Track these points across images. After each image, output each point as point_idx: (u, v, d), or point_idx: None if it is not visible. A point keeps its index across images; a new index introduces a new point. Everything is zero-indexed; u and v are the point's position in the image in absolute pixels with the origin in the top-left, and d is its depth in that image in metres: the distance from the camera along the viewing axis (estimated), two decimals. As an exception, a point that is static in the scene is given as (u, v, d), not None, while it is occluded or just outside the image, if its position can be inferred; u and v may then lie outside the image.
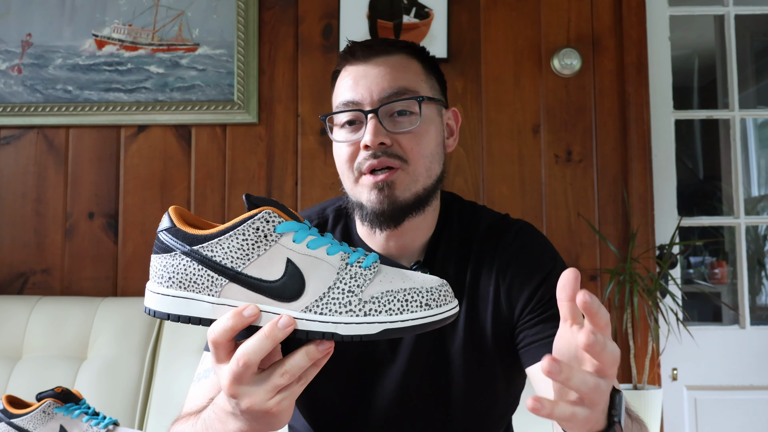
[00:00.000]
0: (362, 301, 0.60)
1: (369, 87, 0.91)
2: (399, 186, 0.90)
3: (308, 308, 0.60)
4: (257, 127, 2.13)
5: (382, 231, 0.92)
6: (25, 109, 2.12)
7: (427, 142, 0.93)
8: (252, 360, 0.58)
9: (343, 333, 0.59)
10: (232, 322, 0.59)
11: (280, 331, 0.58)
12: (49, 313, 1.85)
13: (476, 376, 0.93)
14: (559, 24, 2.14)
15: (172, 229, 0.61)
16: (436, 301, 0.61)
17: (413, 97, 0.92)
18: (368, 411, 0.95)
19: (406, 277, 0.62)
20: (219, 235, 0.60)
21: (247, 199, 0.62)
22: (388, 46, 0.96)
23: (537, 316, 0.90)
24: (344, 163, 0.93)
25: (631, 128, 2.09)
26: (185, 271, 0.60)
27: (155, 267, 0.62)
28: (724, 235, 3.15)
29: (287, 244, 0.60)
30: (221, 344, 0.60)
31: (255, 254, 0.60)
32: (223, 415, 0.67)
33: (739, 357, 2.11)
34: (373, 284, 0.61)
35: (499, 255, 0.94)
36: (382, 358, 0.94)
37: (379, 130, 0.89)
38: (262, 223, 0.60)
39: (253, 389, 0.60)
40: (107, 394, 1.73)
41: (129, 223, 2.11)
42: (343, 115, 0.93)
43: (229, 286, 0.60)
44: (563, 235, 2.06)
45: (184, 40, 2.14)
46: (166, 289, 0.61)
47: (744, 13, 2.29)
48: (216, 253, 0.60)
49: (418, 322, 0.60)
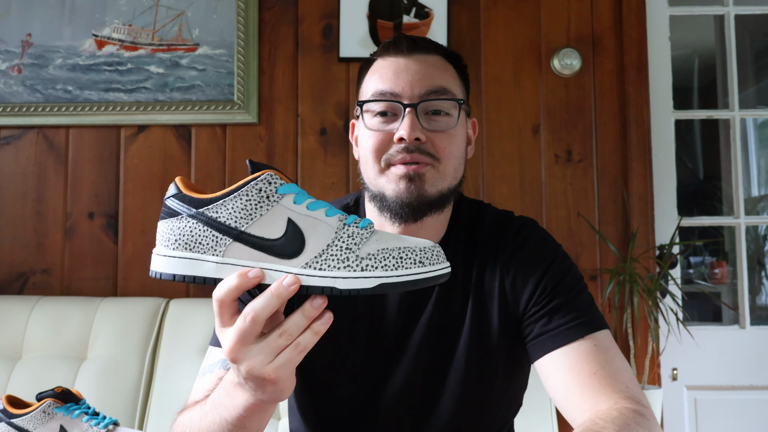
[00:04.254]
0: (359, 257, 0.62)
1: (410, 81, 0.92)
2: (428, 180, 0.91)
3: (308, 264, 0.62)
4: (257, 127, 2.13)
5: (400, 224, 0.93)
6: (25, 109, 2.12)
7: (458, 144, 0.94)
8: (260, 316, 0.60)
9: (341, 287, 0.62)
10: (237, 281, 0.61)
11: (285, 289, 0.60)
12: (49, 313, 1.85)
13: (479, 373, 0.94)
14: (559, 24, 2.14)
15: (178, 195, 0.64)
16: (429, 259, 0.64)
17: (454, 99, 0.93)
18: (375, 407, 0.95)
19: (400, 238, 0.65)
20: (224, 197, 0.63)
21: (251, 163, 0.64)
22: (431, 45, 0.98)
23: (542, 308, 0.90)
24: (371, 152, 0.92)
25: (631, 128, 2.09)
26: (191, 232, 0.63)
27: (162, 231, 0.64)
28: (724, 235, 3.15)
29: (288, 205, 0.63)
30: (226, 303, 0.62)
31: (258, 214, 0.62)
32: (231, 388, 0.69)
33: (738, 357, 2.11)
34: (369, 243, 0.63)
35: (502, 251, 0.95)
36: (390, 356, 0.95)
37: (416, 125, 0.90)
38: (265, 185, 0.63)
39: (253, 351, 0.61)
40: (107, 394, 1.73)
41: (129, 223, 2.11)
42: (379, 104, 0.93)
43: (233, 245, 0.62)
44: (563, 235, 2.06)
45: (184, 40, 2.14)
46: (172, 251, 0.63)
47: (744, 13, 2.29)
48: (220, 214, 0.62)
49: (412, 278, 0.63)
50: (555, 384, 0.85)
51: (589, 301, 0.91)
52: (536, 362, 0.90)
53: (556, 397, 0.86)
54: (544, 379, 0.89)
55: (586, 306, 0.90)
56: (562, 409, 0.85)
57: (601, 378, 0.81)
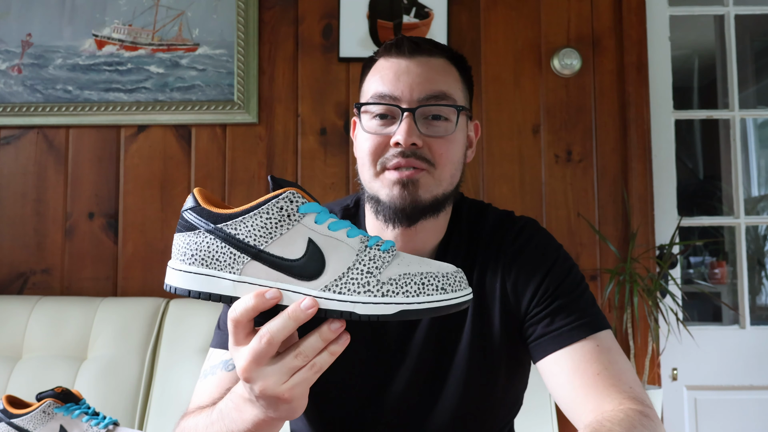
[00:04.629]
0: (380, 282, 0.61)
1: (410, 84, 0.91)
2: (422, 186, 0.90)
3: (327, 287, 0.61)
4: (257, 127, 2.13)
5: (395, 228, 0.92)
6: (25, 109, 2.12)
7: (456, 149, 0.93)
8: (276, 338, 0.60)
9: (360, 312, 0.60)
10: (254, 302, 0.60)
11: (303, 312, 0.59)
12: (49, 313, 1.85)
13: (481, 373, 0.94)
14: (559, 24, 2.14)
15: (197, 208, 0.63)
16: (452, 286, 0.62)
17: (453, 105, 0.92)
18: (378, 410, 0.95)
19: (423, 262, 0.64)
20: (243, 214, 0.61)
21: (272, 180, 0.63)
22: (434, 47, 0.96)
23: (544, 309, 0.90)
24: (368, 154, 0.92)
25: (631, 128, 2.09)
26: (208, 248, 0.61)
27: (178, 245, 0.63)
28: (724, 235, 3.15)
29: (309, 225, 0.61)
30: (242, 324, 0.61)
31: (278, 233, 0.61)
32: (241, 403, 0.68)
33: (738, 357, 2.11)
34: (391, 267, 0.62)
35: (503, 252, 0.95)
36: (390, 355, 0.95)
37: (413, 130, 0.88)
38: (286, 203, 0.61)
39: (268, 371, 0.61)
40: (107, 394, 1.73)
41: (129, 223, 2.11)
42: (377, 107, 0.92)
43: (251, 263, 0.61)
44: (563, 235, 2.06)
45: (184, 40, 2.14)
46: (188, 266, 0.62)
47: (744, 13, 2.29)
48: (239, 231, 0.61)
49: (434, 305, 0.61)
50: (558, 385, 0.85)
51: (590, 301, 0.92)
52: (539, 363, 0.90)
53: (559, 397, 0.86)
54: (547, 380, 0.88)
55: (588, 306, 0.90)
56: (566, 409, 0.85)
57: (605, 378, 0.81)
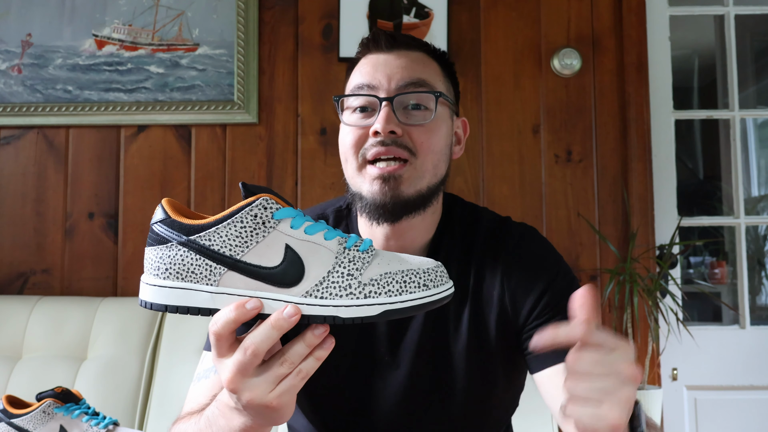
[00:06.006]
0: (361, 283, 0.60)
1: (387, 74, 0.90)
2: (405, 181, 0.87)
3: (309, 293, 0.60)
4: (257, 127, 2.13)
5: (380, 224, 0.90)
6: (25, 109, 2.12)
7: (438, 138, 0.91)
8: (260, 349, 0.58)
9: (344, 316, 0.59)
10: (234, 314, 0.58)
11: (286, 320, 0.58)
12: (49, 313, 1.85)
13: (478, 378, 0.93)
14: (559, 24, 2.14)
15: (167, 221, 0.61)
16: (434, 281, 0.62)
17: (431, 92, 0.90)
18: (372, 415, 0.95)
19: (402, 260, 0.63)
20: (216, 224, 0.60)
21: (244, 187, 0.61)
22: (411, 41, 0.95)
23: (544, 321, 0.89)
24: (349, 148, 0.90)
25: (631, 128, 2.09)
26: (182, 261, 0.60)
27: (150, 259, 0.61)
28: (724, 235, 3.15)
29: (285, 231, 0.60)
30: (224, 336, 0.60)
31: (254, 241, 0.59)
32: (227, 411, 0.67)
33: (738, 357, 2.11)
34: (371, 267, 0.61)
35: (503, 259, 0.93)
36: (381, 361, 0.94)
37: (391, 118, 0.87)
38: (260, 210, 0.60)
39: (254, 382, 0.60)
40: (107, 394, 1.72)
41: (129, 223, 2.11)
42: (357, 100, 0.91)
43: (228, 274, 0.59)
44: (563, 235, 2.06)
45: (184, 40, 2.14)
46: (162, 281, 0.60)
47: (744, 13, 2.29)
48: (214, 242, 0.59)
49: (417, 302, 0.61)
50: (556, 398, 0.85)
51: None
52: (535, 375, 0.89)
53: (556, 411, 0.86)
54: (544, 393, 0.88)
55: None
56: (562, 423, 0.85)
57: None
